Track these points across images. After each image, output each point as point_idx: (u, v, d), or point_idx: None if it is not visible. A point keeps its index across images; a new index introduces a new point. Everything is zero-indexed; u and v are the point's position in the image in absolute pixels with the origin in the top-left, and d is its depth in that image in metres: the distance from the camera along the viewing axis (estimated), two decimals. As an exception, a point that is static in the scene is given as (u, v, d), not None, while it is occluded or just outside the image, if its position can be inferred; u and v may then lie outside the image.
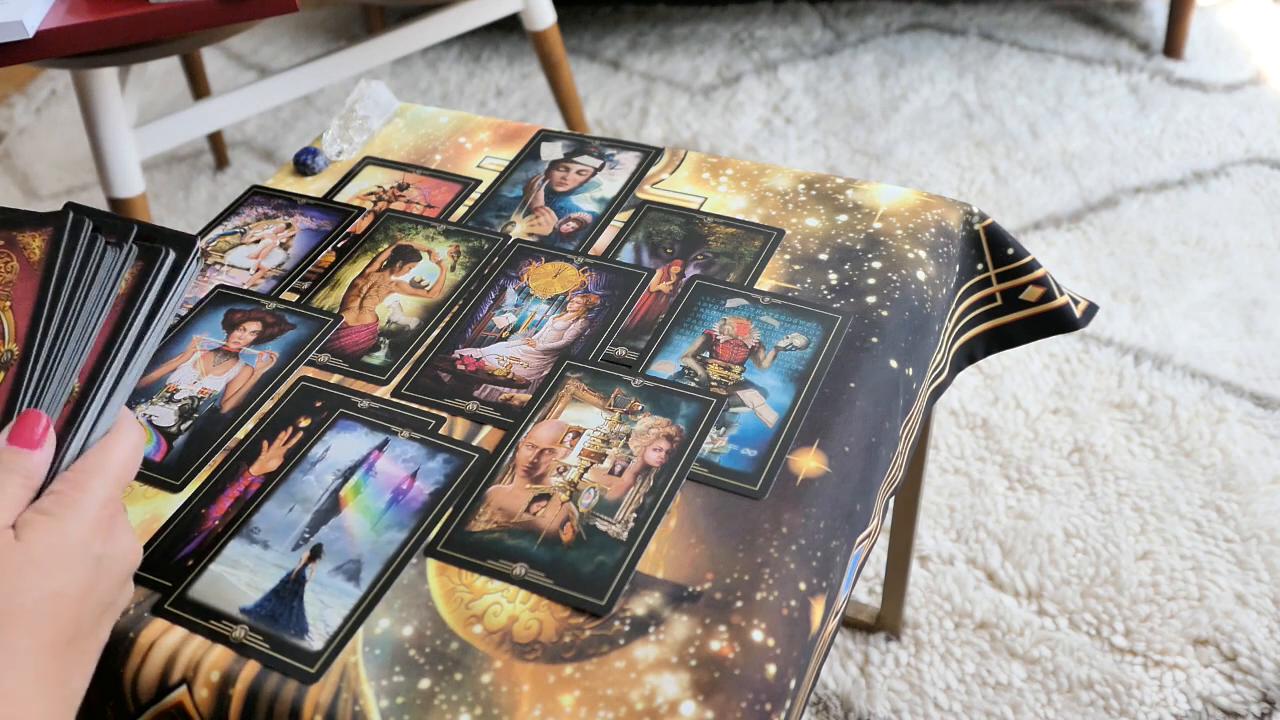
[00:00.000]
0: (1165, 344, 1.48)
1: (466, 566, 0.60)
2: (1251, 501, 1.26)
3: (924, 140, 1.92)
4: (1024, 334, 0.85)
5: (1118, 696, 1.09)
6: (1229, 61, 2.05)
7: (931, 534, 1.26)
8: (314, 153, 0.93)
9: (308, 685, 0.56)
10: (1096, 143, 1.88)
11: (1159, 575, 1.20)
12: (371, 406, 0.70)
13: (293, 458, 0.67)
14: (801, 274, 0.78)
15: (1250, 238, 1.65)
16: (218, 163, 2.04)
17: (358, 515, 0.63)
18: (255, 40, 2.45)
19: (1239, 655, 1.12)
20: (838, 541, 0.63)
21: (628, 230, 0.83)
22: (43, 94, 2.37)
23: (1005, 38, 2.18)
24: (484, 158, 0.93)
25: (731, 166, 0.88)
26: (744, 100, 2.07)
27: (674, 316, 0.75)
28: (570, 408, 0.69)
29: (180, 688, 0.57)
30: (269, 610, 0.59)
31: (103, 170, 1.28)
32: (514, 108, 2.13)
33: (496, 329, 0.75)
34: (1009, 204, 1.76)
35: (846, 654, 1.15)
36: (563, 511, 0.63)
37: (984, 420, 1.39)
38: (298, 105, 2.20)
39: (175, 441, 0.69)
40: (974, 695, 1.10)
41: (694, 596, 0.58)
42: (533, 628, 0.57)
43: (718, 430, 0.67)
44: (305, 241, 0.85)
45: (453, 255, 0.82)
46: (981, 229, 0.83)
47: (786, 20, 2.31)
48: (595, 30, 2.34)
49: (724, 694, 0.54)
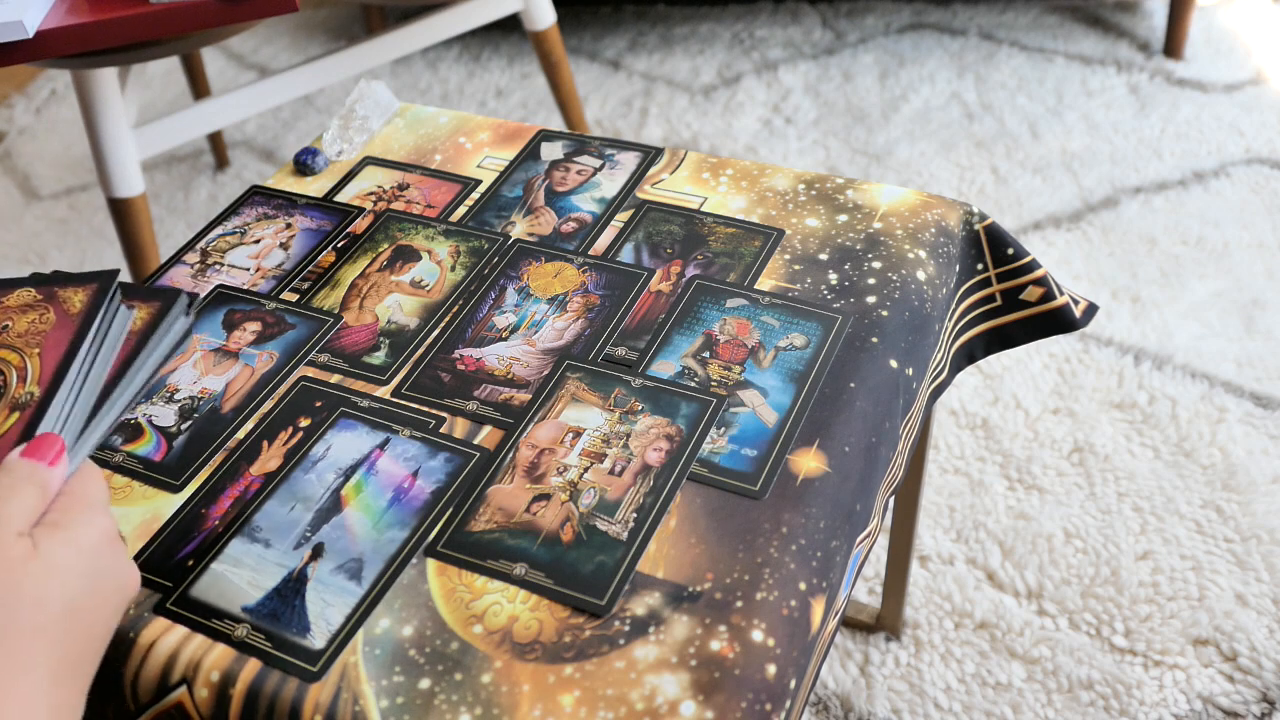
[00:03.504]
0: (1165, 344, 1.48)
1: (466, 566, 0.60)
2: (1251, 501, 1.26)
3: (924, 140, 1.92)
4: (1024, 334, 0.85)
5: (1118, 696, 1.09)
6: (1229, 61, 2.05)
7: (931, 534, 1.26)
8: (314, 153, 0.93)
9: (310, 684, 0.56)
10: (1096, 143, 1.88)
11: (1159, 575, 1.20)
12: (372, 406, 0.70)
13: (293, 457, 0.67)
14: (801, 274, 0.78)
15: (1250, 238, 1.65)
16: (218, 163, 2.04)
17: (359, 514, 0.63)
18: (255, 40, 2.45)
19: (1239, 655, 1.12)
20: (838, 541, 0.63)
21: (628, 230, 0.83)
22: (43, 94, 2.37)
23: (1005, 38, 2.18)
24: (484, 158, 0.93)
25: (731, 166, 0.89)
26: (744, 100, 2.07)
27: (674, 316, 0.75)
28: (570, 408, 0.69)
29: (180, 688, 0.57)
30: (271, 609, 0.59)
31: (103, 170, 1.28)
32: (514, 108, 2.13)
33: (496, 329, 0.75)
34: (1009, 204, 1.76)
35: (846, 654, 1.15)
36: (563, 511, 0.63)
37: (984, 420, 1.39)
38: (298, 105, 2.20)
39: (175, 441, 0.69)
40: (974, 695, 1.11)
41: (694, 596, 0.58)
42: (533, 628, 0.57)
43: (718, 430, 0.67)
44: (305, 241, 0.85)
45: (453, 255, 0.82)
46: (981, 229, 0.83)
47: (786, 20, 2.31)
48: (595, 30, 2.34)
49: (724, 694, 0.54)
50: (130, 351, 0.56)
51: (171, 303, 0.58)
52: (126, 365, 0.56)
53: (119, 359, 0.56)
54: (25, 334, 0.57)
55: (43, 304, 0.58)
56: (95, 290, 0.57)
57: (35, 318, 0.57)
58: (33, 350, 0.56)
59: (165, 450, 0.69)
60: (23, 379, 0.54)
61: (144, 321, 0.57)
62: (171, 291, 0.58)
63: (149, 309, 0.58)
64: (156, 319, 0.57)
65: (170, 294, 0.58)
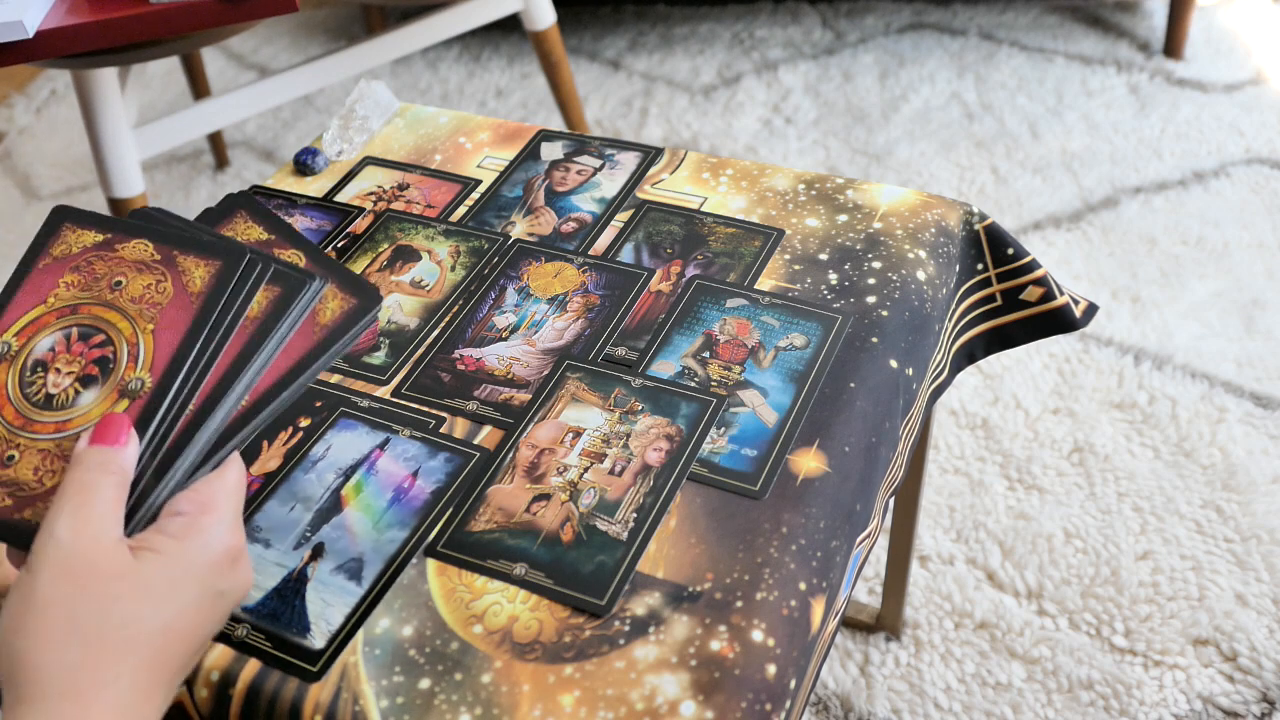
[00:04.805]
0: (1165, 344, 1.48)
1: (466, 566, 0.60)
2: (1251, 501, 1.26)
3: (924, 140, 1.92)
4: (1024, 334, 0.85)
5: (1118, 696, 1.09)
6: (1229, 61, 2.05)
7: (931, 534, 1.26)
8: (314, 153, 0.93)
9: (310, 684, 0.56)
10: (1096, 143, 1.88)
11: (1159, 575, 1.20)
12: (372, 406, 0.70)
13: (293, 457, 0.67)
14: (801, 274, 0.78)
15: (1250, 238, 1.65)
16: (218, 163, 2.04)
17: (359, 514, 0.63)
18: (255, 40, 2.45)
19: (1239, 655, 1.12)
20: (838, 541, 0.63)
21: (628, 230, 0.83)
22: (43, 94, 2.37)
23: (1005, 38, 2.18)
24: (484, 158, 0.93)
25: (731, 166, 0.88)
26: (744, 100, 2.07)
27: (674, 316, 0.75)
28: (570, 408, 0.69)
29: (180, 687, 0.57)
30: (271, 609, 0.59)
31: (103, 170, 1.28)
32: (514, 108, 2.13)
33: (496, 329, 0.75)
34: (1009, 204, 1.76)
35: (846, 654, 1.15)
36: (563, 511, 0.63)
37: (984, 420, 1.39)
38: (298, 105, 2.20)
39: (175, 441, 0.69)
40: (974, 695, 1.11)
41: (694, 596, 0.58)
42: (533, 628, 0.57)
43: (718, 430, 0.67)
44: (305, 241, 0.85)
45: (453, 255, 0.82)
46: (981, 229, 0.83)
47: (786, 20, 2.31)
48: (595, 30, 2.34)
49: (724, 694, 0.54)
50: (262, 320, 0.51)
51: (372, 302, 0.52)
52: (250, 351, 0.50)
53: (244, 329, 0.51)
54: (140, 300, 0.51)
55: (160, 267, 0.52)
56: (220, 270, 0.51)
57: (152, 283, 0.51)
58: (146, 326, 0.50)
59: (165, 450, 0.69)
60: (134, 359, 0.49)
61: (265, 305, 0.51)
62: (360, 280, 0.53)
63: (346, 300, 0.53)
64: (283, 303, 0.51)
65: (370, 291, 0.52)
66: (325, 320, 0.53)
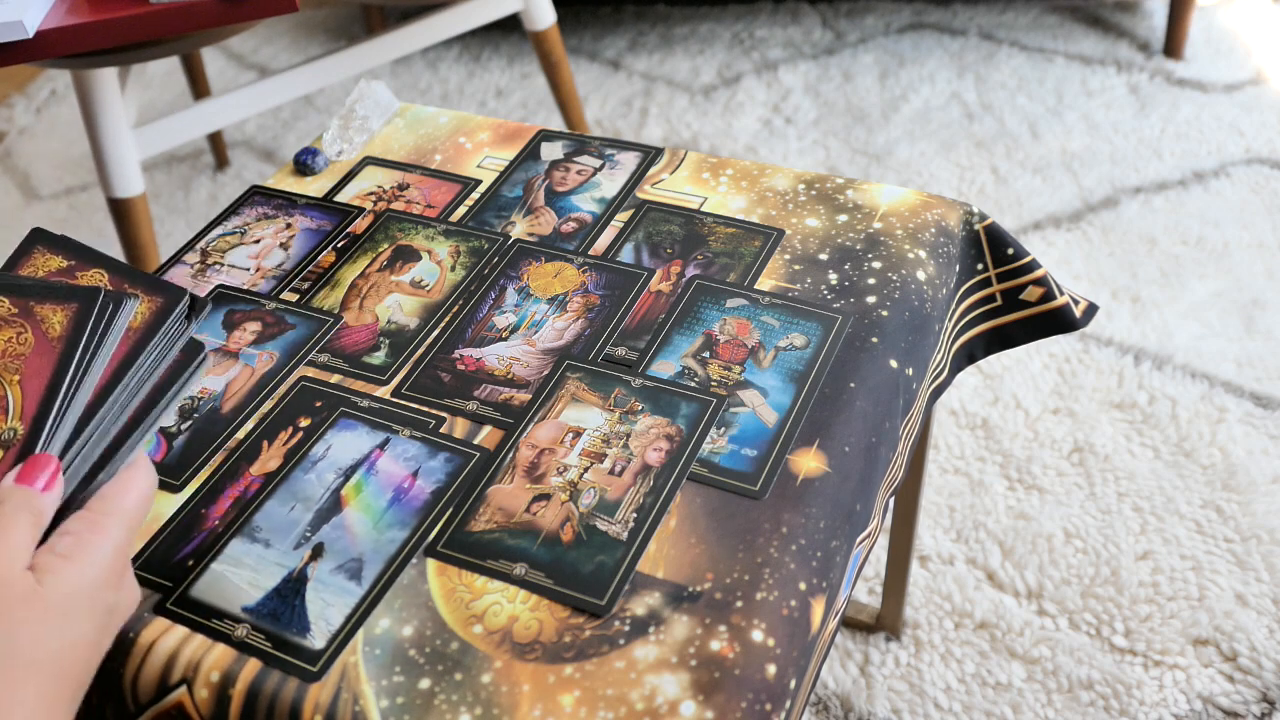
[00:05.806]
0: (1165, 344, 1.48)
1: (466, 566, 0.60)
2: (1251, 501, 1.26)
3: (924, 140, 1.92)
4: (1024, 334, 0.85)
5: (1118, 696, 1.09)
6: (1229, 61, 2.05)
7: (931, 534, 1.26)
8: (314, 153, 0.93)
9: (310, 684, 0.56)
10: (1096, 143, 1.88)
11: (1159, 575, 1.20)
12: (372, 406, 0.70)
13: (293, 457, 0.67)
14: (801, 274, 0.78)
15: (1250, 238, 1.65)
16: (218, 163, 2.04)
17: (359, 514, 0.63)
18: (255, 40, 2.45)
19: (1239, 655, 1.12)
20: (838, 541, 0.63)
21: (628, 230, 0.83)
22: (43, 94, 2.37)
23: (1005, 38, 2.18)
24: (484, 158, 0.93)
25: (731, 166, 0.88)
26: (744, 100, 2.07)
27: (674, 316, 0.75)
28: (570, 408, 0.69)
29: (180, 688, 0.57)
30: (271, 609, 0.59)
31: (103, 170, 1.28)
32: (514, 108, 2.13)
33: (496, 329, 0.75)
34: (1009, 204, 1.76)
35: (846, 654, 1.15)
36: (563, 511, 0.63)
37: (984, 420, 1.39)
38: (298, 105, 2.20)
39: (175, 441, 0.69)
40: (974, 695, 1.11)
41: (694, 596, 0.58)
42: (533, 628, 0.57)
43: (718, 430, 0.67)
44: (305, 241, 0.85)
45: (453, 255, 0.82)
46: (981, 229, 0.83)
47: (786, 20, 2.31)
48: (595, 30, 2.34)
49: (724, 694, 0.54)
50: (128, 353, 0.53)
51: (175, 302, 0.54)
52: (124, 369, 0.52)
53: (115, 360, 0.52)
54: (3, 355, 0.53)
55: (19, 320, 0.53)
56: (77, 313, 0.53)
57: (13, 336, 0.53)
58: (12, 378, 0.52)
59: (165, 450, 0.69)
60: (3, 410, 0.51)
61: (146, 317, 0.53)
62: (176, 290, 0.54)
63: (152, 302, 0.54)
64: (159, 317, 0.53)
65: (175, 292, 0.54)
66: (136, 324, 0.54)
